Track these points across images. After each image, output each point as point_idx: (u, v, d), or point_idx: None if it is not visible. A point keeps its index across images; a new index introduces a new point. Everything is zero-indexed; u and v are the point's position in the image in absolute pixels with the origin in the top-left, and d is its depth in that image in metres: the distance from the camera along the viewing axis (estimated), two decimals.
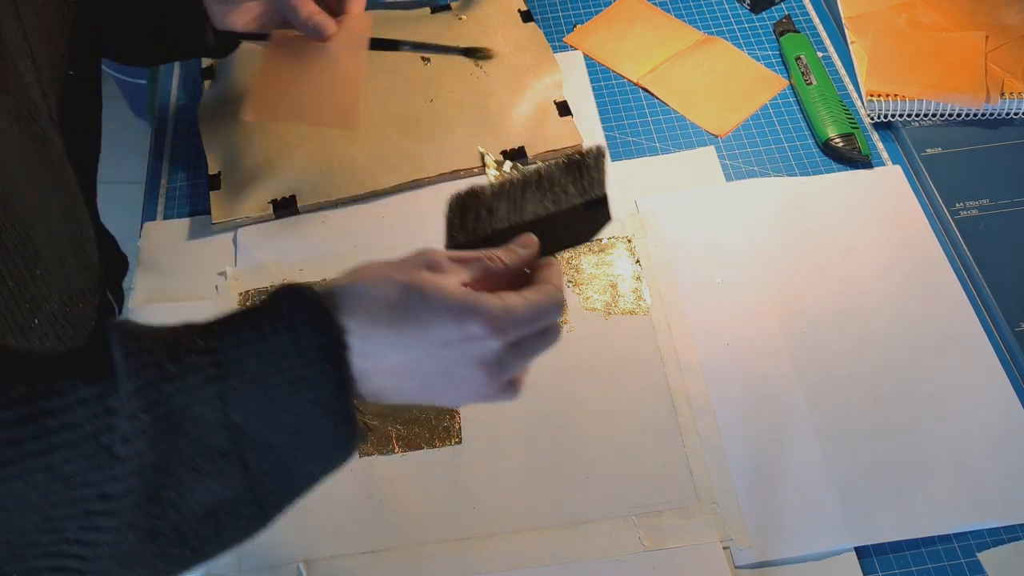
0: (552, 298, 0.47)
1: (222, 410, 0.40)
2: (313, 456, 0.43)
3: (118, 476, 0.39)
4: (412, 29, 0.91)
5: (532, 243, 0.50)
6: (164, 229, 0.79)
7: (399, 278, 0.45)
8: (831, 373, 0.67)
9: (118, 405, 0.39)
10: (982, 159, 0.80)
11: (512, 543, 0.61)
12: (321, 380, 0.42)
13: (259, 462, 0.42)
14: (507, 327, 0.44)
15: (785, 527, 0.61)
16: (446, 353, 0.44)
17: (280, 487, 0.43)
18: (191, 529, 0.41)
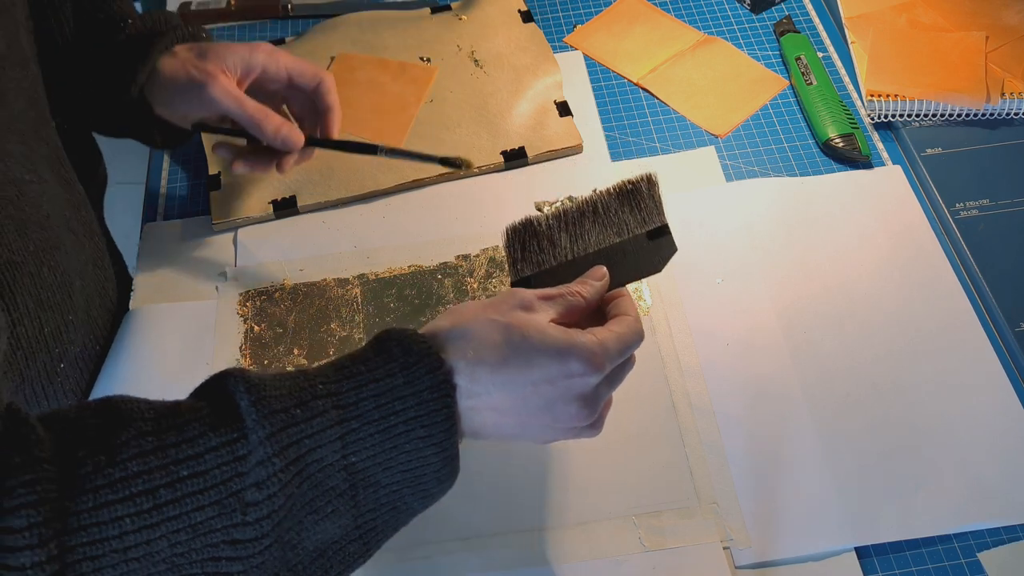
0: (635, 330, 0.50)
1: (342, 452, 0.42)
2: (417, 491, 0.46)
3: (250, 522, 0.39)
4: (412, 29, 0.91)
5: (604, 275, 0.53)
6: (164, 229, 0.79)
7: (500, 319, 0.48)
8: (831, 373, 0.67)
9: (248, 452, 0.40)
10: (982, 159, 0.80)
11: (512, 543, 0.61)
12: (432, 419, 0.44)
13: (368, 500, 0.44)
14: (604, 363, 0.47)
15: (785, 527, 0.61)
16: (549, 390, 0.47)
17: (383, 523, 0.46)
18: (303, 569, 0.43)
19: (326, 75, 0.71)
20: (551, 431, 0.49)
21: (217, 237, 0.78)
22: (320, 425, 0.42)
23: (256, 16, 0.97)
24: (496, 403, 0.46)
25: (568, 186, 0.79)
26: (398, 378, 0.44)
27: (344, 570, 0.45)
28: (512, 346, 0.46)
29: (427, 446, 0.45)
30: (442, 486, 0.47)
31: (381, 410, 0.43)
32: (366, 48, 0.89)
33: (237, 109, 0.66)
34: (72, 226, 0.64)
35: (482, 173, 0.81)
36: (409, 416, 0.44)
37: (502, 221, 0.77)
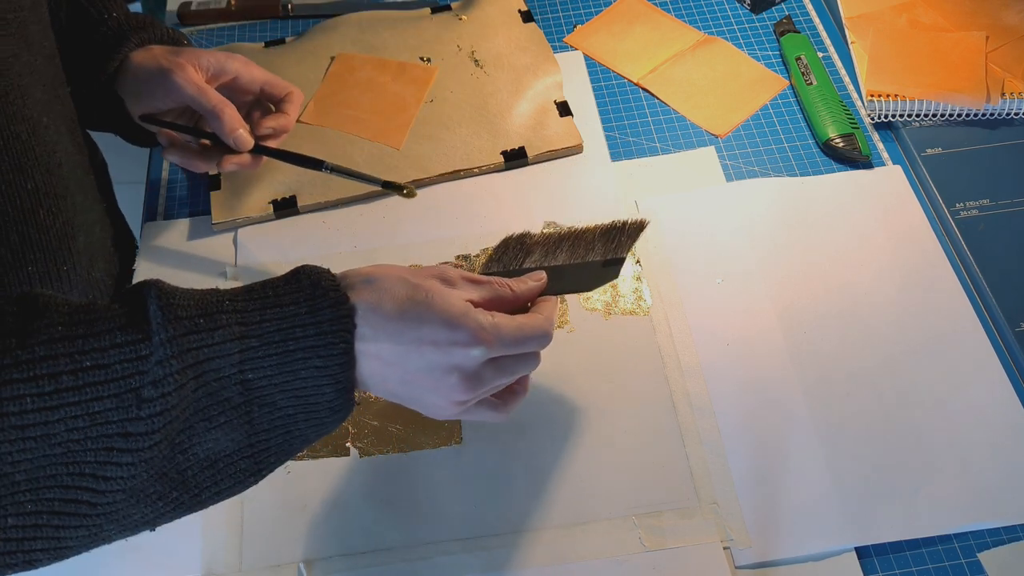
0: (539, 327, 0.51)
1: (239, 367, 0.45)
2: (311, 419, 0.48)
3: (143, 416, 0.42)
4: (412, 29, 0.91)
5: (541, 278, 0.56)
6: (164, 229, 0.79)
7: (412, 280, 0.50)
8: (831, 373, 0.67)
9: (149, 352, 0.42)
10: (982, 159, 0.80)
11: (512, 543, 0.61)
12: (329, 351, 0.46)
13: (263, 419, 0.46)
14: (492, 341, 0.49)
15: (785, 527, 0.61)
16: (432, 353, 0.48)
17: (276, 446, 0.48)
18: (193, 476, 0.46)
19: (297, 90, 0.73)
20: (435, 400, 0.50)
21: (217, 237, 0.78)
22: (221, 337, 0.44)
23: (256, 16, 0.97)
24: (382, 352, 0.48)
25: (568, 186, 0.79)
26: (302, 307, 0.46)
27: (234, 485, 0.47)
28: (412, 302, 0.48)
29: (322, 376, 0.46)
30: (335, 417, 0.49)
31: (282, 334, 0.45)
32: (366, 48, 0.89)
33: (199, 96, 0.67)
34: (84, 185, 0.67)
35: (482, 173, 0.81)
36: (308, 345, 0.46)
37: (502, 221, 0.77)
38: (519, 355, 0.51)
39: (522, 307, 0.54)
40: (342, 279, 0.50)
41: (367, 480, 0.64)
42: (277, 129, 0.72)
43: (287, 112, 0.72)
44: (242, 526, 0.62)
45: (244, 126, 0.69)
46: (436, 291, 0.49)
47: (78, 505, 0.43)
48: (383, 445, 0.65)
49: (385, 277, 0.50)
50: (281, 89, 0.73)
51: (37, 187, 0.58)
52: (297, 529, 0.62)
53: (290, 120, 0.72)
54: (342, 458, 0.65)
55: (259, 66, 0.73)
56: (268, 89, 0.73)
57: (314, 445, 0.65)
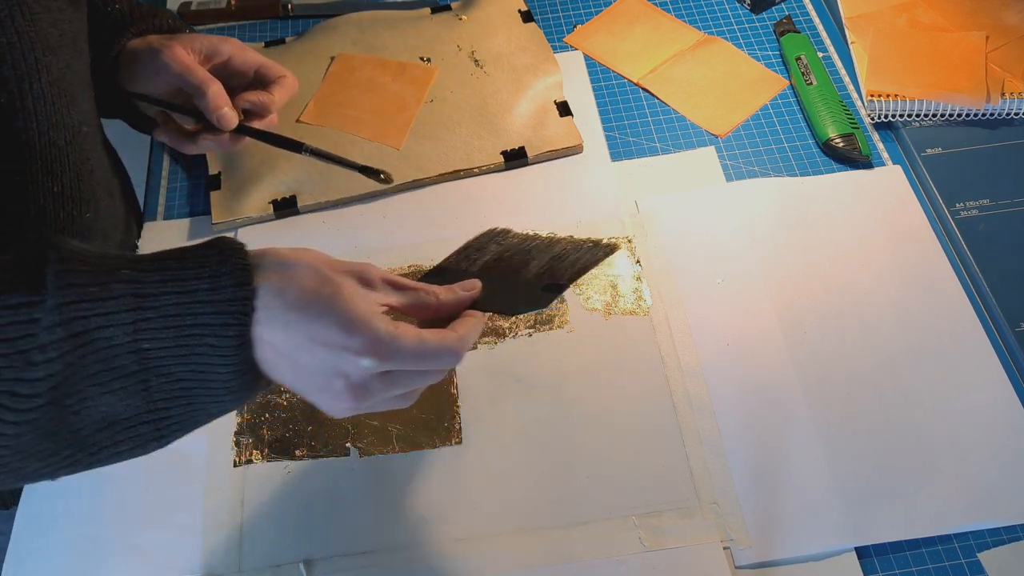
0: (447, 346, 0.48)
1: (133, 336, 0.44)
2: (211, 395, 0.47)
3: (27, 379, 0.42)
4: (412, 29, 0.91)
5: (474, 288, 0.53)
6: (164, 229, 0.79)
7: (328, 274, 0.48)
8: (831, 373, 0.67)
9: (41, 316, 0.42)
10: (982, 159, 0.80)
11: (512, 543, 0.61)
12: (224, 332, 0.45)
13: (161, 389, 0.45)
14: (386, 354, 0.46)
15: (785, 527, 0.61)
16: (322, 353, 0.46)
17: (179, 415, 0.47)
18: (88, 436, 0.45)
19: (291, 75, 0.73)
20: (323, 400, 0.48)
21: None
22: (112, 307, 0.44)
23: (256, 16, 0.97)
24: (275, 340, 0.46)
25: (568, 186, 0.79)
26: (204, 283, 0.45)
27: (134, 448, 0.47)
28: (317, 296, 0.46)
29: (215, 355, 0.45)
30: (233, 396, 0.47)
31: (180, 308, 0.44)
32: (366, 48, 0.89)
33: (185, 73, 0.67)
34: (111, 188, 0.67)
35: (482, 173, 0.81)
36: (204, 322, 0.45)
37: (502, 221, 0.77)
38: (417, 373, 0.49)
39: (448, 317, 0.51)
40: (257, 257, 0.48)
41: (367, 480, 0.64)
42: (257, 104, 0.71)
43: (274, 94, 0.71)
44: (242, 526, 0.62)
45: (229, 105, 0.69)
46: (346, 289, 0.47)
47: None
48: (383, 445, 0.65)
49: (299, 264, 0.48)
50: (275, 72, 0.72)
51: (63, 191, 0.59)
52: (297, 529, 0.62)
53: (274, 100, 0.71)
54: (342, 458, 0.65)
55: (254, 51, 0.73)
56: (263, 72, 0.72)
57: (314, 445, 0.65)
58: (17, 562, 0.61)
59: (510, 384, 0.68)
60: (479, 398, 0.67)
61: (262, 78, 0.73)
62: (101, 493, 0.64)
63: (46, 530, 0.63)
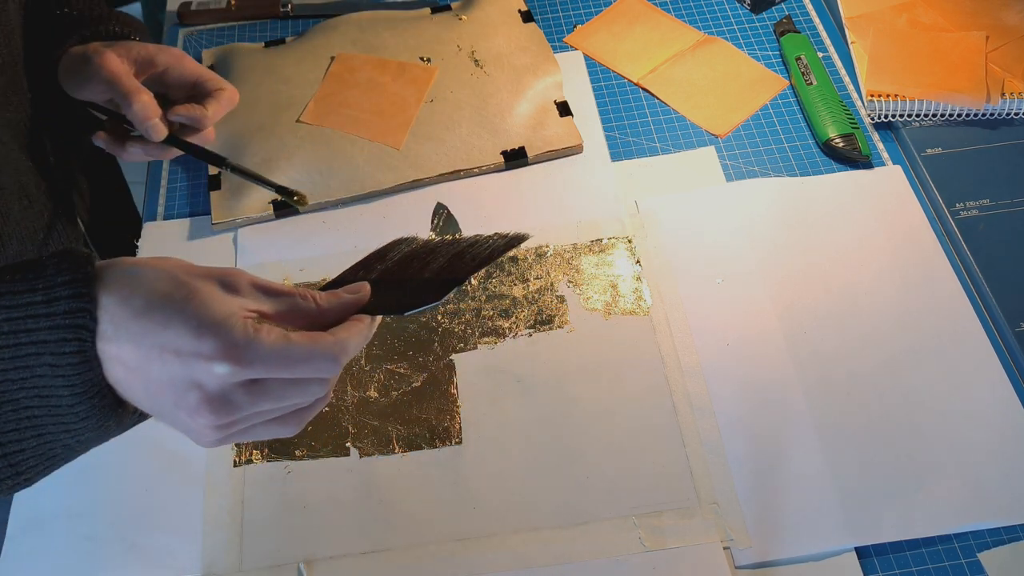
0: (320, 349, 0.42)
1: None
2: (60, 425, 0.42)
3: None
4: (412, 29, 0.91)
5: (361, 291, 0.47)
6: (164, 229, 0.79)
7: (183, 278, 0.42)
8: (831, 373, 0.67)
9: None
10: (982, 159, 0.80)
11: (512, 543, 0.61)
12: (62, 348, 0.40)
13: (7, 419, 0.41)
14: (243, 358, 0.40)
15: (785, 527, 0.61)
16: (173, 363, 0.41)
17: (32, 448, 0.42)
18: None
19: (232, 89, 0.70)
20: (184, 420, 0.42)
21: (217, 237, 0.78)
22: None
23: (256, 16, 0.97)
24: (123, 355, 0.41)
25: (568, 186, 0.79)
26: (38, 295, 0.40)
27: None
28: (167, 300, 0.41)
29: (55, 376, 0.40)
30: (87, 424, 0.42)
31: (12, 324, 0.40)
32: (366, 48, 0.89)
33: (113, 82, 0.65)
34: (29, 192, 0.64)
35: (482, 173, 0.81)
36: (40, 339, 0.40)
37: (502, 221, 0.77)
38: (291, 380, 0.43)
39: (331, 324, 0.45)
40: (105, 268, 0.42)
41: (367, 480, 0.64)
42: (190, 119, 0.68)
43: (207, 107, 0.68)
44: (242, 526, 0.62)
45: (158, 116, 0.66)
46: (201, 293, 0.42)
47: None
48: (383, 445, 0.65)
49: (152, 269, 0.42)
50: (213, 85, 0.69)
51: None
52: (297, 529, 0.62)
53: (205, 114, 0.68)
54: (342, 458, 0.65)
55: (195, 61, 0.70)
56: (201, 85, 0.69)
57: (314, 445, 0.65)
58: (16, 562, 0.61)
59: (510, 384, 0.68)
60: (479, 398, 0.67)
61: (201, 90, 0.70)
62: (101, 493, 0.64)
63: (45, 530, 0.63)
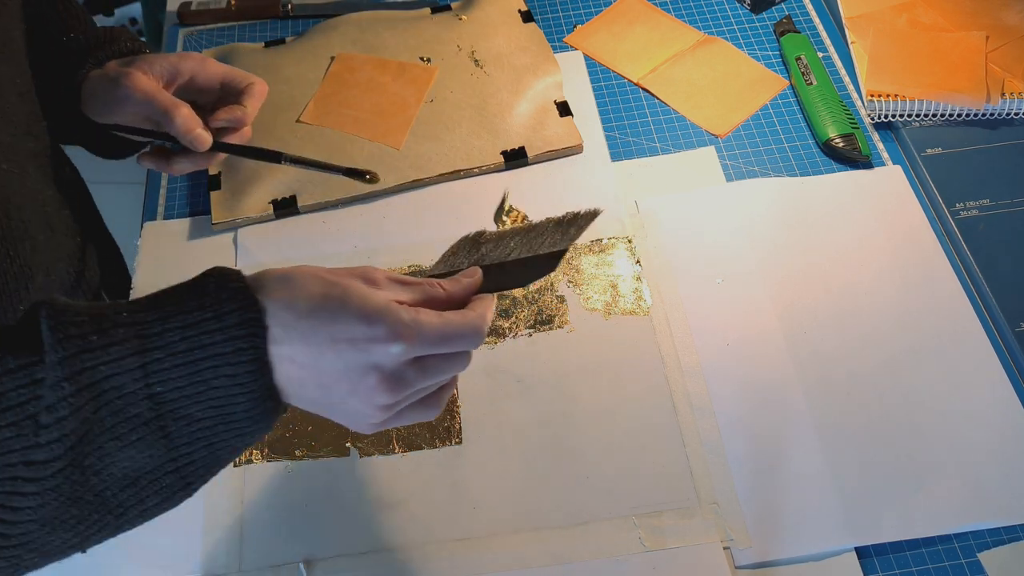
0: (470, 324, 0.47)
1: (144, 381, 0.42)
2: (232, 429, 0.44)
3: (42, 444, 0.40)
4: (412, 29, 0.91)
5: (476, 274, 0.52)
6: (164, 229, 0.79)
7: (329, 277, 0.47)
8: (831, 373, 0.67)
9: (44, 376, 0.40)
10: (982, 159, 0.80)
11: (512, 543, 0.61)
12: (239, 358, 0.43)
13: (181, 434, 0.43)
14: (413, 336, 0.45)
15: (785, 527, 0.61)
16: (348, 352, 0.44)
17: (201, 458, 0.45)
18: (113, 496, 0.43)
19: (260, 81, 0.71)
20: (357, 406, 0.46)
21: (217, 237, 0.78)
22: (118, 353, 0.41)
23: (256, 16, 0.97)
24: (296, 354, 0.44)
25: (568, 186, 0.79)
26: (208, 311, 0.43)
27: (161, 502, 0.45)
28: (327, 299, 0.45)
29: (233, 385, 0.43)
30: (257, 426, 0.45)
31: (187, 342, 0.42)
32: (366, 48, 0.89)
33: (149, 101, 0.65)
34: (52, 222, 0.65)
35: (482, 173, 0.81)
36: (216, 352, 0.43)
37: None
38: (446, 355, 0.47)
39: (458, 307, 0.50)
40: (254, 280, 0.46)
41: (367, 480, 0.64)
42: (232, 121, 0.69)
43: (245, 104, 0.69)
44: (242, 526, 0.62)
45: (200, 125, 0.67)
46: (354, 287, 0.46)
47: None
48: (383, 445, 0.65)
49: (300, 275, 0.47)
50: (241, 80, 0.70)
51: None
52: (297, 529, 0.62)
53: (246, 112, 0.69)
54: (342, 458, 0.65)
55: (216, 62, 0.70)
56: (228, 83, 0.70)
57: (314, 445, 0.65)
58: None
59: (510, 384, 0.68)
60: (479, 398, 0.67)
61: (230, 88, 0.70)
62: None
63: None
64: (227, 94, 0.71)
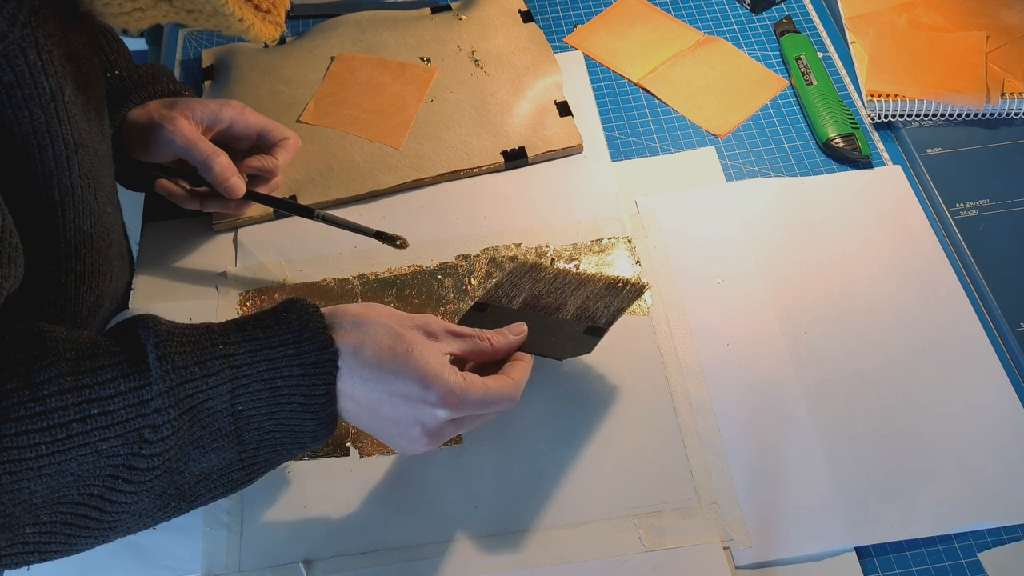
0: (507, 393, 0.55)
1: (231, 402, 0.49)
2: (295, 442, 0.53)
3: (144, 455, 0.47)
4: (412, 29, 0.91)
5: (522, 333, 0.59)
6: (164, 230, 0.79)
7: (398, 329, 0.53)
8: (831, 373, 0.67)
9: (151, 398, 0.46)
10: (982, 159, 0.80)
11: (512, 543, 0.61)
12: (312, 391, 0.51)
13: (252, 441, 0.51)
14: (458, 405, 0.52)
15: (785, 527, 0.61)
16: (401, 406, 0.52)
17: (265, 459, 0.53)
18: (189, 489, 0.50)
19: (294, 136, 0.75)
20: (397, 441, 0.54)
21: (217, 237, 0.78)
22: (215, 383, 0.49)
23: None
24: (356, 394, 0.52)
25: (568, 186, 0.79)
26: (290, 348, 0.50)
27: (227, 491, 0.53)
28: (393, 354, 0.52)
29: (304, 412, 0.51)
30: (317, 441, 0.54)
31: (270, 372, 0.50)
32: (366, 48, 0.89)
33: (190, 148, 0.69)
34: (123, 253, 0.70)
35: (482, 173, 0.81)
36: (293, 383, 0.50)
37: (502, 221, 0.77)
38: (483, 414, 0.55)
39: (502, 357, 0.58)
40: (331, 317, 0.53)
41: (367, 480, 0.64)
42: (262, 170, 0.73)
43: (277, 157, 0.73)
44: (242, 526, 0.62)
45: (236, 174, 0.70)
46: (416, 344, 0.53)
47: (87, 520, 0.47)
48: (383, 445, 0.65)
49: (372, 323, 0.53)
50: (277, 134, 0.74)
51: (85, 268, 0.60)
52: (297, 529, 0.62)
53: (277, 164, 0.73)
54: (342, 458, 0.65)
55: (255, 113, 0.74)
56: (265, 135, 0.74)
57: None
58: None
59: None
60: None
61: (265, 139, 0.74)
62: None
63: None
64: (262, 144, 0.75)
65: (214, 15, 0.53)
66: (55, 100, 0.52)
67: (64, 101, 0.53)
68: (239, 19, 0.54)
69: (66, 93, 0.53)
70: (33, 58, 0.50)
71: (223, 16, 0.53)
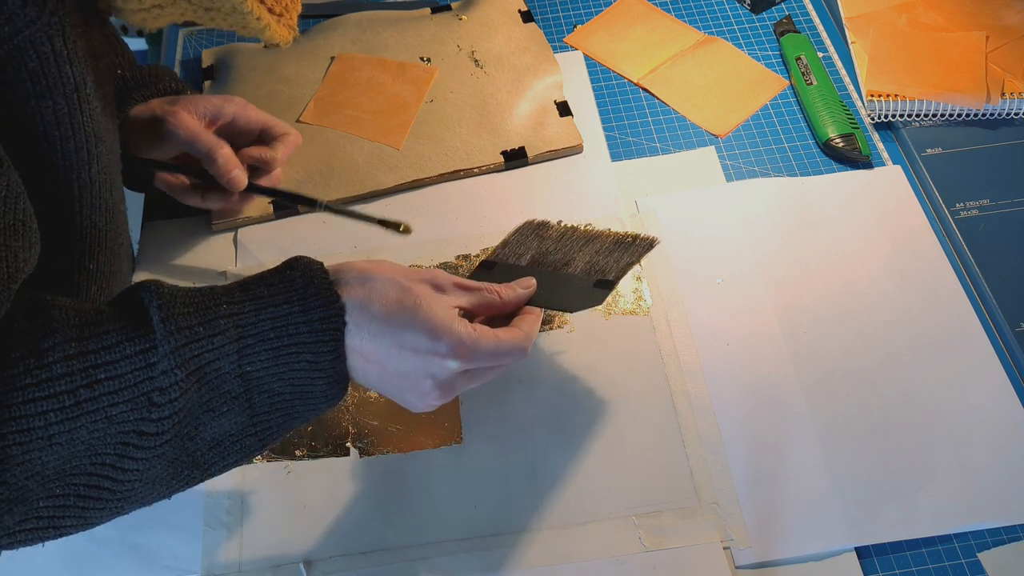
0: (518, 344, 0.54)
1: (238, 363, 0.48)
2: (307, 403, 0.52)
3: (154, 419, 0.46)
4: (412, 29, 0.91)
5: (531, 287, 0.58)
6: (164, 229, 0.79)
7: (403, 282, 0.52)
8: (831, 373, 0.67)
9: (157, 360, 0.46)
10: (982, 159, 0.80)
11: (512, 543, 0.61)
12: (319, 348, 0.49)
13: (262, 404, 0.50)
14: (469, 356, 0.51)
15: (785, 527, 0.61)
16: (411, 359, 0.51)
17: (277, 424, 0.51)
18: (202, 456, 0.50)
19: (295, 132, 0.75)
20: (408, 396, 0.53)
21: (217, 237, 0.78)
22: (220, 342, 0.48)
23: None
24: (365, 349, 0.51)
25: (568, 186, 0.79)
26: (295, 306, 0.49)
27: (240, 458, 0.52)
28: (401, 307, 0.51)
29: (313, 370, 0.50)
30: (329, 402, 0.52)
31: (276, 331, 0.49)
32: (366, 48, 0.89)
33: (193, 140, 0.69)
34: (130, 253, 0.70)
35: (482, 173, 0.81)
36: (300, 341, 0.49)
37: (502, 221, 0.77)
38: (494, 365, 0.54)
39: (510, 312, 0.57)
40: (336, 273, 0.52)
41: (367, 480, 0.64)
42: (260, 160, 0.73)
43: (276, 150, 0.73)
44: (242, 526, 0.62)
45: (239, 167, 0.70)
46: (424, 297, 0.52)
47: (100, 491, 0.47)
48: (383, 445, 0.65)
49: (378, 277, 0.52)
50: (278, 129, 0.74)
51: (98, 267, 0.60)
52: (297, 529, 0.62)
53: (276, 156, 0.73)
54: (342, 458, 0.65)
55: (257, 109, 0.74)
56: (267, 130, 0.74)
57: (314, 445, 0.65)
58: (16, 562, 0.61)
59: (510, 384, 0.67)
60: (479, 398, 0.67)
61: (267, 135, 0.74)
62: None
63: None
64: (264, 140, 0.74)
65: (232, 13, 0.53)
66: (79, 91, 0.51)
67: (87, 93, 0.52)
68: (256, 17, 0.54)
69: (88, 85, 0.52)
70: (60, 46, 0.49)
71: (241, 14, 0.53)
